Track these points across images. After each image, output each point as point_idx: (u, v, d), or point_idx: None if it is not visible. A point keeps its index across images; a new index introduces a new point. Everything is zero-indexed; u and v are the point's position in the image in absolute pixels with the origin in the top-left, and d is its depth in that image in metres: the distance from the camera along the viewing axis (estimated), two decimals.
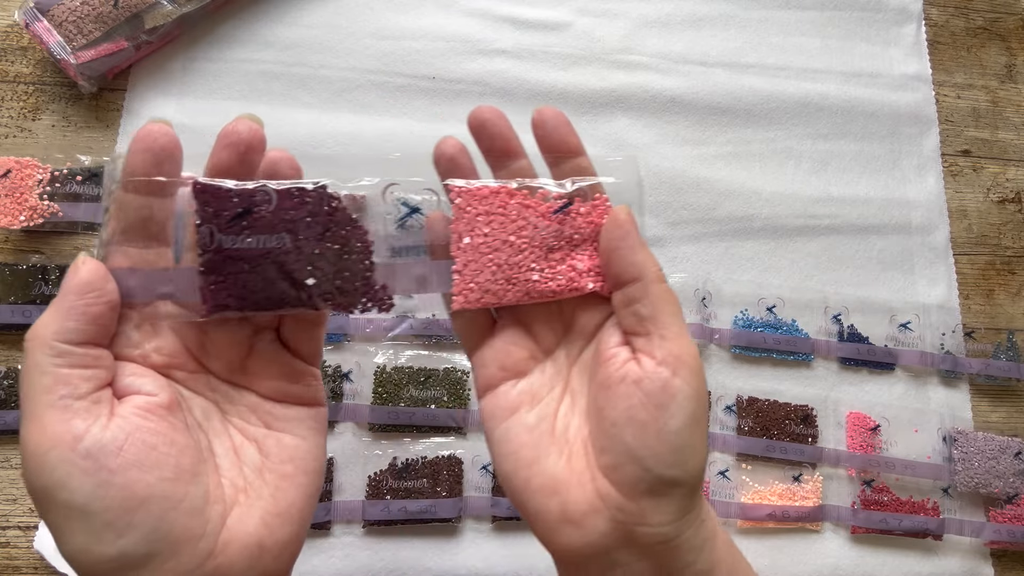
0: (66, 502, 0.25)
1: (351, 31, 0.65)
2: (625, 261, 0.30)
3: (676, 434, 0.28)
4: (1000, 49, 0.73)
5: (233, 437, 0.30)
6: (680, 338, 0.29)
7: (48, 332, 0.26)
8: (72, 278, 0.27)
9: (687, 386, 0.28)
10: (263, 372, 0.31)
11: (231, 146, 0.29)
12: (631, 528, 0.28)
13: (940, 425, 0.59)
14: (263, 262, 0.29)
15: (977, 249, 0.66)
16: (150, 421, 0.27)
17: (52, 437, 0.25)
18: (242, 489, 0.29)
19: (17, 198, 0.55)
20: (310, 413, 0.31)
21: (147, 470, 0.26)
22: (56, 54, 0.57)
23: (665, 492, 0.28)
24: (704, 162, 0.65)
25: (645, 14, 0.69)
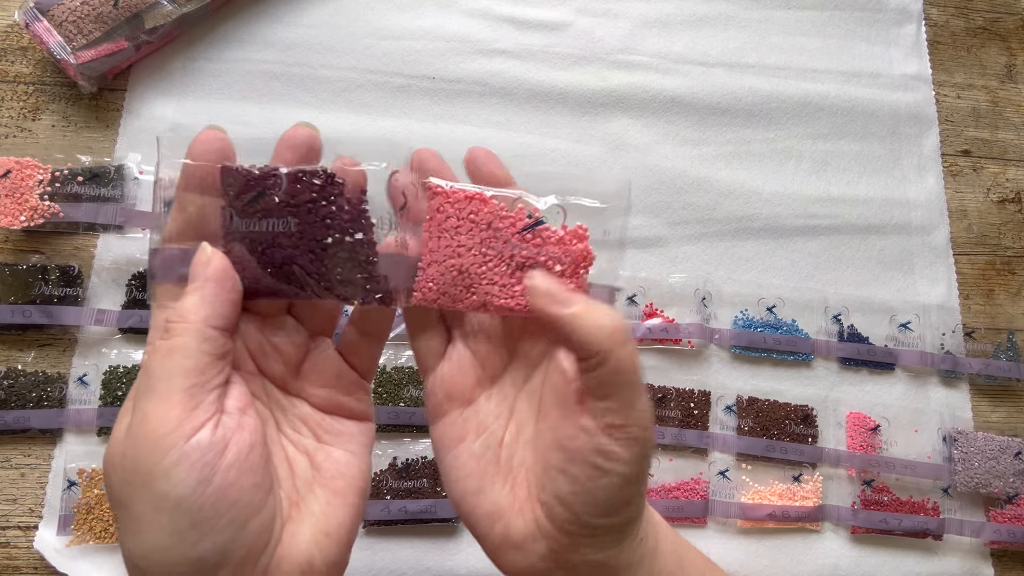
0: (163, 493, 0.24)
1: (351, 31, 0.65)
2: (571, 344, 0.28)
3: (607, 495, 0.28)
4: (1000, 49, 0.73)
5: (286, 448, 0.30)
6: (628, 408, 0.28)
7: (199, 316, 0.26)
8: (206, 267, 0.27)
9: (627, 454, 0.28)
10: (317, 379, 0.31)
11: (293, 148, 0.29)
12: (565, 555, 0.29)
13: (940, 425, 0.59)
14: (271, 246, 0.29)
15: (977, 249, 0.66)
16: (249, 417, 0.27)
17: (172, 422, 0.25)
18: (295, 503, 0.29)
19: (17, 198, 0.55)
20: (360, 428, 0.32)
21: (244, 472, 0.26)
22: (56, 54, 0.57)
23: (596, 534, 0.29)
24: (704, 162, 0.65)
25: (645, 14, 0.69)
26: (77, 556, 0.50)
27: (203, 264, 0.27)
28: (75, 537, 0.50)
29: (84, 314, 0.54)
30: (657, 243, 0.62)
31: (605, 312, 0.28)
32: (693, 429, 0.57)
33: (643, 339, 0.59)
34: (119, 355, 0.54)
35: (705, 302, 0.60)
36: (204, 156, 0.28)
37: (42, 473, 0.52)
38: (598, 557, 0.29)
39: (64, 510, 0.50)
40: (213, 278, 0.27)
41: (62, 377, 0.53)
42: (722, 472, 0.57)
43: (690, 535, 0.56)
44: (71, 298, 0.54)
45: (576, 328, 0.27)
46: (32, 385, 0.53)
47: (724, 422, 0.58)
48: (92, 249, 0.56)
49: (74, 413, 0.52)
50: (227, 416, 0.26)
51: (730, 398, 0.59)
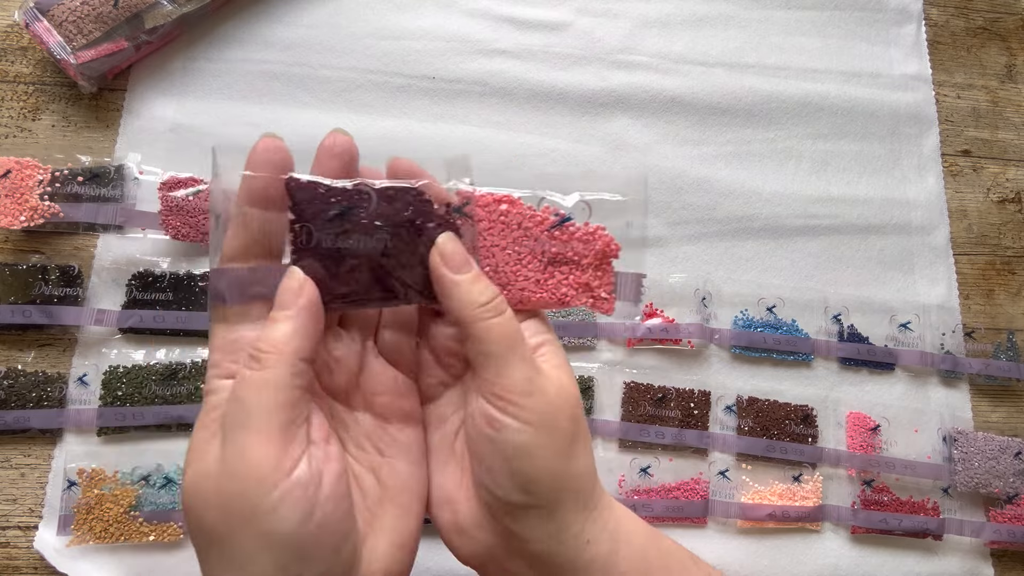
0: (270, 530, 0.24)
1: (351, 31, 0.65)
2: (446, 303, 0.30)
3: (503, 464, 0.29)
4: (1000, 49, 0.73)
5: (353, 467, 0.30)
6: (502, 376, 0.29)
7: (291, 348, 0.26)
8: (298, 296, 0.27)
9: (514, 421, 0.28)
10: (377, 387, 0.31)
11: (336, 157, 0.29)
12: (508, 542, 0.30)
13: (940, 425, 0.59)
14: (360, 261, 0.29)
15: (977, 249, 0.66)
16: (332, 446, 0.27)
17: (273, 458, 0.25)
18: (368, 521, 0.29)
19: (17, 198, 0.55)
20: (417, 435, 0.32)
21: (338, 502, 0.26)
22: (56, 54, 0.57)
23: (519, 514, 0.29)
24: (704, 162, 0.65)
25: (645, 14, 0.69)
26: (77, 556, 0.50)
27: (295, 292, 0.27)
28: (75, 537, 0.50)
29: (84, 314, 0.54)
30: (657, 243, 0.62)
31: (481, 288, 0.29)
32: (693, 429, 0.57)
33: (643, 339, 0.59)
34: (119, 355, 0.54)
35: (705, 302, 0.60)
36: (265, 167, 0.27)
37: (42, 473, 0.52)
38: (538, 548, 0.29)
39: (64, 510, 0.50)
40: (306, 308, 0.27)
41: (62, 377, 0.53)
42: (722, 472, 0.57)
43: (690, 535, 0.56)
44: (71, 298, 0.54)
45: (451, 296, 0.29)
46: (32, 385, 0.53)
47: (724, 422, 0.58)
48: (92, 249, 0.56)
49: (74, 413, 0.53)
50: (315, 447, 0.26)
51: (730, 398, 0.59)
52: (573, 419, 0.30)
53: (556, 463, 0.29)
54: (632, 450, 0.57)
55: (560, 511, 0.30)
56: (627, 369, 0.58)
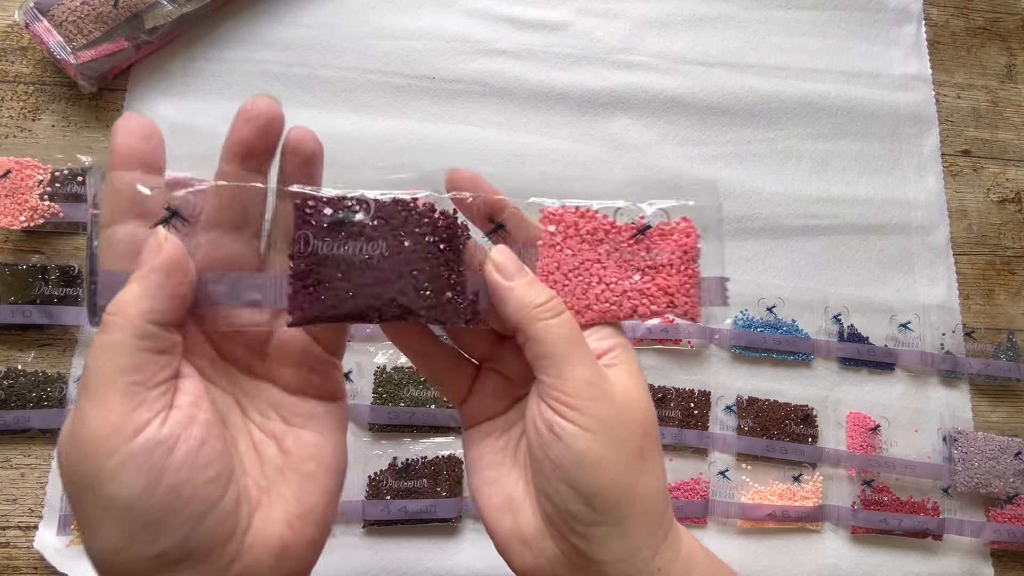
0: (111, 497, 0.24)
1: (351, 31, 0.65)
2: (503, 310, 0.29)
3: (569, 476, 0.28)
4: (1000, 49, 0.73)
5: (252, 434, 0.29)
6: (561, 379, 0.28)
7: (136, 310, 0.25)
8: (155, 255, 0.25)
9: (574, 428, 0.28)
10: (284, 360, 0.30)
11: (251, 120, 0.28)
12: (571, 557, 0.29)
13: (940, 425, 0.59)
14: (357, 272, 0.28)
15: (977, 249, 0.66)
16: (202, 411, 0.26)
17: (112, 424, 0.24)
18: (264, 490, 0.28)
19: (17, 198, 0.55)
20: (330, 408, 0.31)
21: (196, 470, 0.25)
22: (56, 54, 0.57)
23: (582, 530, 0.28)
24: (704, 162, 0.65)
25: (645, 14, 0.69)
26: (77, 556, 0.50)
27: (153, 251, 0.25)
28: (75, 537, 0.50)
29: (84, 314, 0.54)
30: None
31: (537, 291, 0.29)
32: (693, 429, 0.57)
33: (643, 339, 0.59)
34: None
35: None
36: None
37: (42, 473, 0.52)
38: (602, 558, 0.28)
39: (64, 510, 0.50)
40: (160, 268, 0.25)
41: (62, 377, 0.53)
42: (722, 472, 0.57)
43: None
44: (71, 298, 0.54)
45: (507, 301, 0.29)
46: (32, 385, 0.53)
47: (724, 422, 0.58)
48: None
49: None
50: (176, 411, 0.25)
51: (730, 398, 0.59)
52: (643, 431, 0.29)
53: (622, 476, 0.28)
54: None
55: (629, 531, 0.28)
56: None
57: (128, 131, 0.27)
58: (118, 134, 0.27)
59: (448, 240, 0.29)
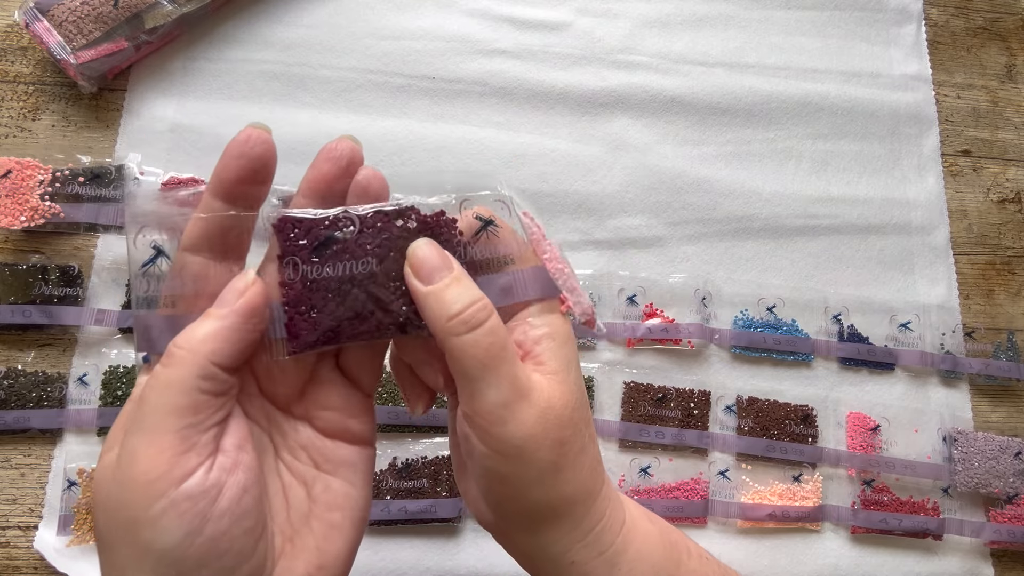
0: (148, 543, 0.23)
1: (351, 31, 0.65)
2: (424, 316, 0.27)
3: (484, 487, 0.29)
4: (1000, 49, 0.73)
5: (283, 477, 0.28)
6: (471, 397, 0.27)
7: (206, 348, 0.24)
8: (237, 296, 0.25)
9: (482, 447, 0.27)
10: (322, 402, 0.29)
11: (333, 160, 0.27)
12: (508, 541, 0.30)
13: (940, 425, 0.59)
14: (351, 291, 0.27)
15: (977, 249, 0.66)
16: (246, 453, 0.25)
17: (162, 467, 0.23)
18: (289, 538, 0.27)
19: (18, 198, 0.55)
20: (361, 456, 0.30)
21: (236, 520, 0.24)
22: (56, 54, 0.57)
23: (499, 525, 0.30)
24: (704, 162, 0.65)
25: (645, 14, 0.69)
26: (77, 556, 0.50)
27: (237, 292, 0.25)
28: (75, 537, 0.50)
29: (84, 314, 0.54)
30: (657, 243, 0.62)
31: (455, 296, 0.26)
32: (693, 429, 0.57)
33: (643, 339, 0.59)
34: (119, 355, 0.54)
35: (705, 302, 0.60)
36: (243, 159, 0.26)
37: (42, 473, 0.52)
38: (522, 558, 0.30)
39: (64, 510, 0.50)
40: (240, 311, 0.25)
41: (62, 377, 0.53)
42: (722, 472, 0.57)
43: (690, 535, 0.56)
44: (71, 298, 0.54)
45: (423, 310, 0.27)
46: (32, 385, 0.53)
47: (724, 422, 0.58)
48: (92, 249, 0.56)
49: (74, 413, 0.53)
50: (222, 456, 0.24)
51: (730, 398, 0.59)
52: (559, 443, 0.27)
53: (531, 491, 0.28)
54: (632, 450, 0.57)
55: (539, 531, 0.29)
56: (627, 369, 0.58)
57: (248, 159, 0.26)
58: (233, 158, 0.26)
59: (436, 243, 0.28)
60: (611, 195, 0.63)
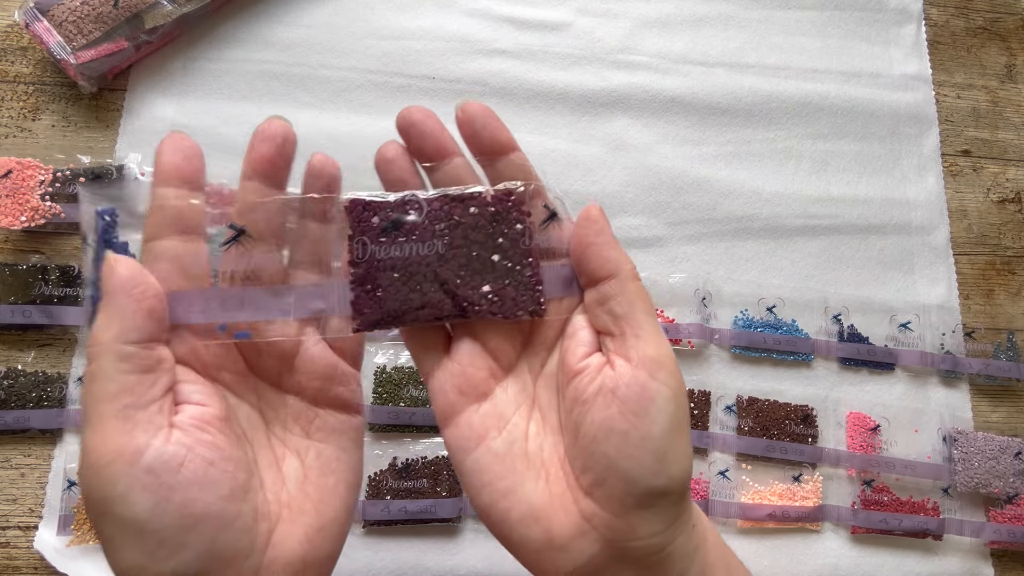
0: (124, 517, 0.24)
1: (351, 31, 0.65)
2: (601, 256, 0.29)
3: (658, 440, 0.27)
4: (1000, 49, 0.73)
5: (275, 449, 0.30)
6: (655, 338, 0.28)
7: (110, 335, 0.25)
8: (112, 278, 0.26)
9: (666, 388, 0.27)
10: (309, 372, 0.30)
11: (268, 139, 0.28)
12: (621, 545, 0.27)
13: (940, 425, 0.59)
14: (416, 272, 0.28)
15: (977, 249, 0.66)
16: (208, 434, 0.26)
17: (114, 449, 0.24)
18: (285, 504, 0.29)
19: (18, 199, 0.55)
20: (351, 422, 0.31)
21: (205, 488, 0.25)
22: (56, 54, 0.57)
23: (652, 504, 0.27)
24: (704, 162, 0.65)
25: (645, 14, 0.69)
26: (77, 556, 0.50)
27: (108, 275, 0.26)
28: (75, 537, 0.50)
29: (84, 314, 0.54)
30: (657, 243, 0.62)
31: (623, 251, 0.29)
32: (693, 429, 0.57)
33: None
34: None
35: (705, 302, 0.60)
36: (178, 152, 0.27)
37: (42, 473, 0.52)
38: (656, 541, 0.27)
39: (64, 510, 0.50)
40: (120, 289, 0.26)
41: (62, 377, 0.53)
42: (722, 472, 0.57)
43: None
44: (71, 298, 0.54)
45: (614, 246, 0.29)
46: (32, 385, 0.53)
47: (724, 422, 0.58)
48: None
49: (74, 413, 0.53)
50: (180, 432, 0.26)
51: (730, 398, 0.59)
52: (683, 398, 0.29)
53: (687, 440, 0.28)
54: None
55: (676, 502, 0.28)
56: None
57: (174, 149, 0.28)
58: (164, 152, 0.28)
59: (505, 231, 0.29)
60: (611, 195, 0.63)
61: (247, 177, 0.28)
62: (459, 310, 0.29)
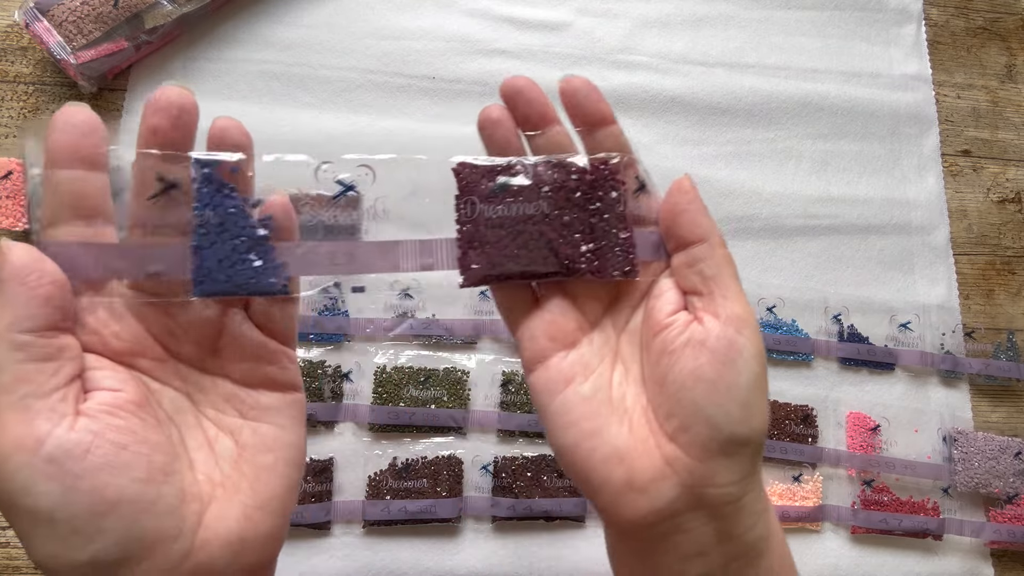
0: (30, 508, 0.24)
1: (351, 31, 0.65)
2: (693, 223, 0.31)
3: (745, 390, 0.28)
4: (1000, 49, 0.73)
5: (207, 430, 0.29)
6: (740, 299, 0.30)
7: (2, 325, 0.24)
8: (5, 266, 0.25)
9: (751, 344, 0.29)
10: (236, 354, 0.29)
11: (161, 110, 0.28)
12: (700, 490, 0.28)
13: (940, 425, 0.59)
14: (522, 231, 0.30)
15: (977, 249, 0.66)
16: (119, 418, 0.26)
17: (13, 440, 0.24)
18: (219, 484, 0.28)
19: (20, 200, 0.55)
20: (287, 400, 0.30)
21: (117, 472, 0.25)
22: (56, 54, 0.57)
23: (734, 451, 0.28)
24: (704, 162, 0.65)
25: (645, 14, 0.69)
26: None
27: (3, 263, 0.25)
28: None
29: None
30: None
31: None
32: None
33: None
34: None
35: None
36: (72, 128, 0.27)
37: None
38: (731, 490, 0.29)
39: None
40: (12, 277, 0.25)
41: None
42: None
43: None
44: None
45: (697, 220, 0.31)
46: None
47: None
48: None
49: None
50: (86, 419, 0.25)
51: None
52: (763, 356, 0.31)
53: (766, 396, 0.29)
54: None
55: (762, 450, 0.30)
56: None
57: (68, 127, 0.26)
58: (56, 130, 0.26)
59: (602, 196, 0.31)
60: None
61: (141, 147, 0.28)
62: (563, 268, 0.30)
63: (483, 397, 0.56)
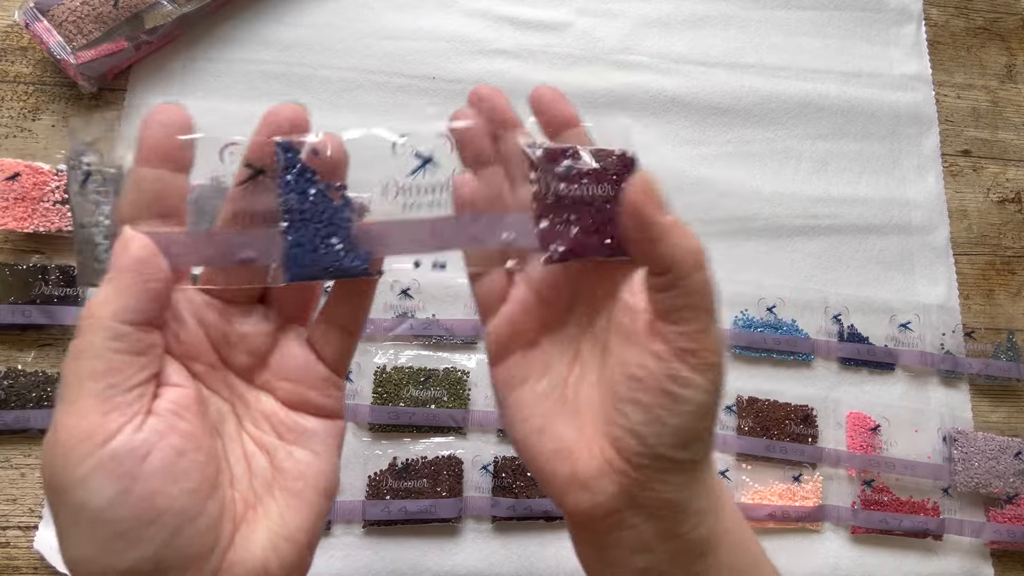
0: (80, 503, 0.23)
1: (351, 31, 0.65)
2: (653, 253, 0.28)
3: (683, 419, 0.28)
4: (1000, 49, 0.73)
5: (246, 445, 0.28)
6: (702, 333, 0.28)
7: (107, 312, 0.24)
8: (123, 255, 0.25)
9: (702, 379, 0.28)
10: (285, 372, 0.29)
11: (274, 124, 0.28)
12: (635, 493, 0.28)
13: (940, 425, 0.59)
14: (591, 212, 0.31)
15: (977, 249, 0.66)
16: (184, 421, 0.25)
17: (85, 429, 0.23)
18: (252, 505, 0.27)
19: (27, 204, 0.54)
20: (327, 427, 0.30)
21: (171, 480, 0.24)
22: (56, 54, 0.57)
23: (669, 467, 0.28)
24: (704, 162, 0.65)
25: (645, 14, 0.69)
26: None
27: (119, 252, 0.25)
28: None
29: None
30: None
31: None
32: None
33: None
34: None
35: None
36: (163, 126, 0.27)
37: None
38: (667, 497, 0.28)
39: None
40: (129, 267, 0.25)
41: None
42: (722, 472, 0.57)
43: None
44: (71, 298, 0.54)
45: (663, 239, 0.28)
46: (32, 385, 0.53)
47: (724, 422, 0.58)
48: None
49: None
50: (155, 419, 0.25)
51: (730, 398, 0.59)
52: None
53: (712, 424, 0.29)
54: None
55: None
56: None
57: (161, 127, 0.27)
58: (148, 128, 0.26)
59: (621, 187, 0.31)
60: None
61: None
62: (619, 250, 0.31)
63: (483, 397, 0.56)
